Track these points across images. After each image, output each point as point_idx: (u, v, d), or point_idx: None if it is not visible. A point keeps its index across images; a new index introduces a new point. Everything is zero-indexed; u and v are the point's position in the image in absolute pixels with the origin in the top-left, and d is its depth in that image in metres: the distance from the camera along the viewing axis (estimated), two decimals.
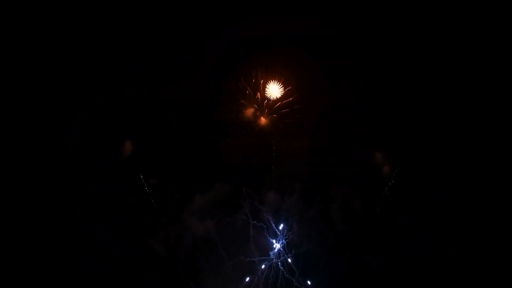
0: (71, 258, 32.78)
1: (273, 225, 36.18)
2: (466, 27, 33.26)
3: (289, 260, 35.56)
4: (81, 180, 33.45)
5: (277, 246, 35.84)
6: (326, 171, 36.59)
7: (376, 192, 36.31)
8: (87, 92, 33.69)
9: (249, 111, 36.44)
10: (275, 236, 36.07)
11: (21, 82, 33.13)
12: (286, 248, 35.83)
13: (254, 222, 35.79)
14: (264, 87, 35.48)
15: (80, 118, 32.99)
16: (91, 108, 33.71)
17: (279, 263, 35.45)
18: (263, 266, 35.31)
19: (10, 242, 31.68)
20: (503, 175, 34.43)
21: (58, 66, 33.61)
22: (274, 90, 35.32)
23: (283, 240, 35.96)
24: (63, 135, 33.06)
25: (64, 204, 33.28)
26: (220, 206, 35.72)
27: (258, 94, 35.83)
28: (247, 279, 35.04)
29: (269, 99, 35.70)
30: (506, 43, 33.01)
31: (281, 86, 35.30)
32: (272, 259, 35.59)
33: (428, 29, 33.97)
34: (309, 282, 35.15)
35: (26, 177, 32.69)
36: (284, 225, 36.18)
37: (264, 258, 35.57)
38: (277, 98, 35.61)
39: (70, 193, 33.35)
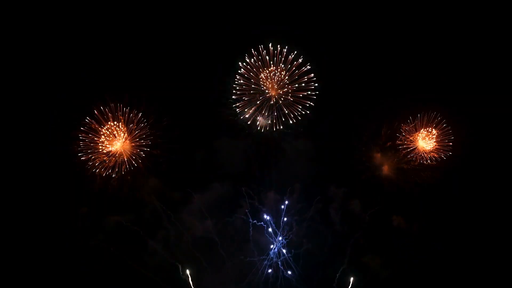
0: (72, 257, 32.74)
1: (273, 225, 36.19)
2: None
3: (289, 260, 35.55)
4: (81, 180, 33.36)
5: (277, 246, 35.79)
6: (326, 171, 36.83)
7: (376, 192, 36.50)
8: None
9: (249, 111, 36.52)
10: (275, 236, 36.08)
11: (21, 82, 33.40)
12: (286, 248, 35.83)
13: (254, 222, 35.80)
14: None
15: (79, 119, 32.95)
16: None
17: (279, 263, 35.42)
18: (263, 266, 35.34)
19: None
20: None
21: (58, 66, 33.89)
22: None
23: (283, 240, 35.92)
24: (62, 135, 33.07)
25: (65, 204, 33.26)
26: (220, 206, 35.76)
27: (258, 96, 35.89)
28: (247, 279, 35.01)
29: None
30: None
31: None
32: (272, 258, 35.53)
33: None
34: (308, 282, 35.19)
35: (26, 177, 32.81)
36: (284, 225, 36.18)
37: (264, 258, 35.52)
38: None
39: (71, 192, 33.32)
